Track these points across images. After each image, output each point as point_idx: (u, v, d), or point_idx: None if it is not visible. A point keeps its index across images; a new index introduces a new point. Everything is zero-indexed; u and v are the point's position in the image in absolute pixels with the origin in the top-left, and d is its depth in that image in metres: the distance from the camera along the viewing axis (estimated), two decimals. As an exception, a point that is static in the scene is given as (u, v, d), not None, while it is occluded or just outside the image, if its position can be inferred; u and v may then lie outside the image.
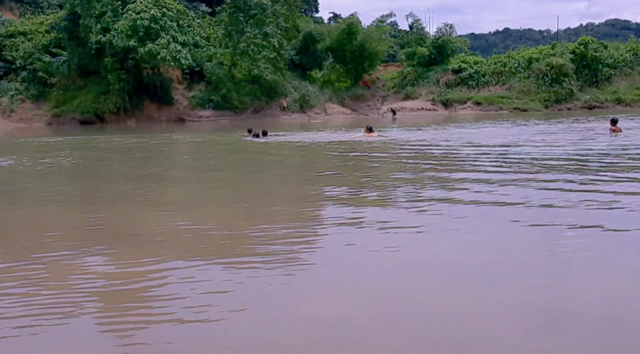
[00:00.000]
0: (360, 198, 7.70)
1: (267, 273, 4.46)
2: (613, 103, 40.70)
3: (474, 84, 44.63)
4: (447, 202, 7.06)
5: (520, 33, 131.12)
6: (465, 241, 5.27)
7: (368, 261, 4.74)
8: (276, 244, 5.35)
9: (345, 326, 3.44)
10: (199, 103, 39.14)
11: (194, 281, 4.28)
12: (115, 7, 35.78)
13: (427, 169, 10.50)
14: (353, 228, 5.97)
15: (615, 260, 4.65)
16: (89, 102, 36.40)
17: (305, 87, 42.48)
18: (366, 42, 44.38)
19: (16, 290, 4.21)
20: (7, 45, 39.61)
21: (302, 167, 12.72)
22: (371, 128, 17.63)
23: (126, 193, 8.98)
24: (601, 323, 3.46)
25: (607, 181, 8.26)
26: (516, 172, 9.51)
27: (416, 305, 3.80)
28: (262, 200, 8.11)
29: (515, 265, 4.56)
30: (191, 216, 6.94)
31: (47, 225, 6.72)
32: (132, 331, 3.46)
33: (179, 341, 3.29)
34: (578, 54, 42.81)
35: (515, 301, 3.79)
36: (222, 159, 14.88)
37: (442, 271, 4.44)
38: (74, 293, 4.11)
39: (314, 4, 62.18)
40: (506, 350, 3.12)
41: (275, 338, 3.33)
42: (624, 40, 52.32)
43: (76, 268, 4.72)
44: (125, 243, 5.61)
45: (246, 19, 38.94)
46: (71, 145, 19.56)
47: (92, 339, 3.36)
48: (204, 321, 3.57)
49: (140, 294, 4.12)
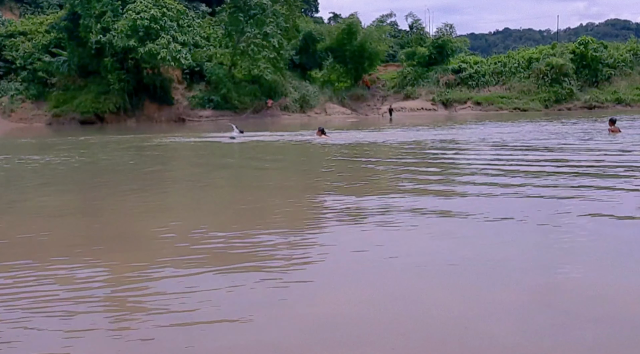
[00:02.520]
0: (360, 198, 7.69)
1: (267, 273, 4.46)
2: (613, 103, 40.74)
3: (474, 84, 44.66)
4: (446, 202, 7.05)
5: (520, 33, 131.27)
6: (465, 241, 5.27)
7: (368, 261, 4.74)
8: (276, 244, 5.34)
9: (345, 326, 3.44)
10: (199, 103, 39.15)
11: (193, 282, 4.28)
12: (115, 7, 35.78)
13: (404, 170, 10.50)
14: (353, 228, 5.97)
15: (615, 260, 4.65)
16: (89, 102, 36.40)
17: (305, 87, 42.50)
18: (366, 42, 44.42)
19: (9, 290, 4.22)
20: (7, 45, 39.59)
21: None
22: (323, 130, 18.35)
23: (124, 195, 8.98)
24: (601, 322, 3.46)
25: (607, 182, 8.26)
26: (516, 171, 9.51)
27: (416, 305, 3.80)
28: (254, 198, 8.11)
29: (515, 265, 4.56)
30: (188, 217, 6.93)
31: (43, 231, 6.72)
32: (132, 331, 3.46)
33: (179, 341, 3.29)
34: (578, 54, 42.85)
35: (515, 301, 3.79)
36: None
37: (442, 271, 4.44)
38: (75, 293, 4.11)
39: (314, 4, 62.17)
40: (506, 350, 3.12)
41: (275, 338, 3.33)
42: (624, 40, 52.41)
43: (76, 268, 4.71)
44: (123, 244, 5.61)
45: (246, 19, 38.94)
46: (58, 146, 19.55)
47: (92, 339, 3.36)
48: (204, 321, 3.57)
49: (141, 294, 4.11)
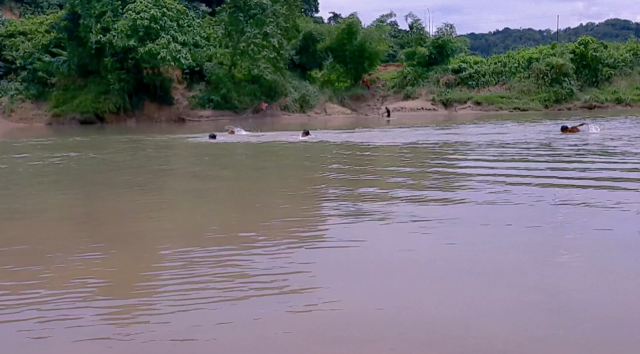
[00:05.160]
0: (359, 198, 7.69)
1: (267, 274, 4.46)
2: (613, 103, 40.70)
3: (474, 84, 44.65)
4: (445, 202, 7.05)
5: (520, 33, 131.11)
6: (465, 241, 5.27)
7: (368, 261, 4.74)
8: (275, 244, 5.34)
9: (345, 326, 3.44)
10: (199, 103, 39.16)
11: (193, 282, 4.28)
12: (115, 7, 35.79)
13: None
14: (352, 228, 5.96)
15: (614, 259, 4.65)
16: (89, 102, 36.42)
17: (305, 87, 42.50)
18: (366, 42, 44.42)
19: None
20: (7, 45, 39.60)
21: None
22: (307, 132, 19.08)
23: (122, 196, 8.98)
24: (601, 322, 3.46)
25: (607, 182, 8.26)
26: (516, 171, 9.51)
27: (416, 305, 3.81)
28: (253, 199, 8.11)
29: (515, 265, 4.56)
30: (189, 215, 6.94)
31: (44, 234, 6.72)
32: (132, 331, 3.46)
33: (179, 341, 3.29)
34: (578, 54, 42.83)
35: (515, 301, 3.79)
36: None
37: (442, 271, 4.44)
38: (75, 293, 4.11)
39: (314, 4, 62.11)
40: (506, 350, 3.12)
41: (275, 338, 3.33)
42: (624, 40, 52.34)
43: (76, 267, 4.72)
44: (124, 243, 5.61)
45: (246, 18, 38.95)
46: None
47: (92, 340, 3.36)
48: (204, 321, 3.57)
49: (140, 294, 4.11)
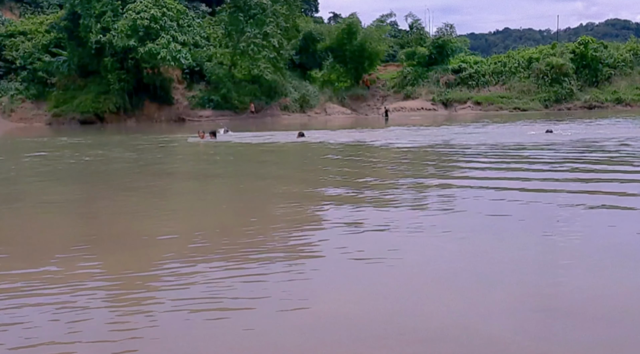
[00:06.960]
0: (359, 198, 7.70)
1: (267, 274, 4.46)
2: (613, 103, 40.70)
3: (474, 84, 44.62)
4: (446, 202, 7.06)
5: (520, 33, 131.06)
6: (465, 241, 5.28)
7: (368, 262, 4.74)
8: (275, 244, 5.35)
9: (345, 326, 3.45)
10: (199, 103, 39.13)
11: (193, 283, 4.28)
12: (115, 6, 35.75)
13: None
14: (352, 228, 5.97)
15: (613, 259, 4.65)
16: (89, 102, 36.37)
17: (305, 87, 42.47)
18: (366, 42, 44.39)
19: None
20: (7, 45, 39.55)
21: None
22: (302, 134, 19.18)
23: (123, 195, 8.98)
24: (600, 322, 3.47)
25: (606, 182, 8.26)
26: (515, 171, 9.51)
27: (416, 305, 3.81)
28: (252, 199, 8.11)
29: (514, 265, 4.56)
30: (189, 217, 6.93)
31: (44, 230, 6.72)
32: (132, 331, 3.46)
33: (179, 341, 3.30)
34: (578, 54, 42.82)
35: (514, 301, 3.80)
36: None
37: (441, 271, 4.44)
38: (76, 293, 4.12)
39: (314, 3, 62.08)
40: (506, 350, 3.12)
41: (275, 338, 3.33)
42: (624, 40, 52.37)
43: (76, 268, 4.72)
44: (124, 244, 5.61)
45: (246, 18, 38.92)
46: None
47: (94, 340, 3.37)
48: (204, 321, 3.57)
49: (141, 294, 4.12)
